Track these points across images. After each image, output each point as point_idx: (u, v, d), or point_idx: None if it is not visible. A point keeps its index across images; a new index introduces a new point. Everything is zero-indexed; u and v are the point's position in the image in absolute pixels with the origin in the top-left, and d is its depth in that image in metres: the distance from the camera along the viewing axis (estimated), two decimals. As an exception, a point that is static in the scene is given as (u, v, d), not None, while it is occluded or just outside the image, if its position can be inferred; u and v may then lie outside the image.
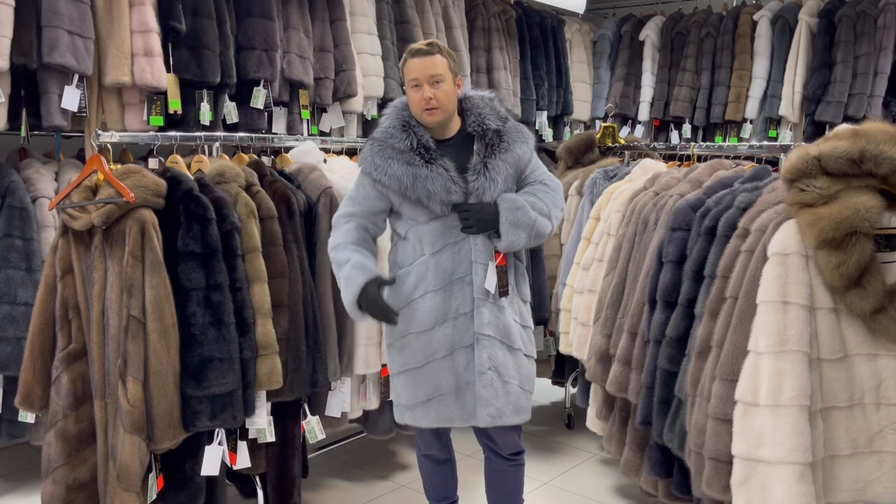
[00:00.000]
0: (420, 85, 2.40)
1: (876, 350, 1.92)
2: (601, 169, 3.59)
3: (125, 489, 2.32)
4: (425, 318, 2.46)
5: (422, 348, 2.48)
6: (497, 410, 2.46)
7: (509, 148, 2.45)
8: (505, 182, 2.44)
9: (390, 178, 2.38)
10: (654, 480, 2.72)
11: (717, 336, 2.15)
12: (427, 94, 2.38)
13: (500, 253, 2.46)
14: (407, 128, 2.44)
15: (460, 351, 2.47)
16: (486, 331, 2.46)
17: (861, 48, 5.04)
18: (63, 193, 2.45)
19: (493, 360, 2.46)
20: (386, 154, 2.40)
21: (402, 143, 2.41)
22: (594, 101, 6.31)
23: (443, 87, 2.41)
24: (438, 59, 2.41)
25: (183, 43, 3.51)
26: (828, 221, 1.84)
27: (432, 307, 2.45)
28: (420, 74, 2.40)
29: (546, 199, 2.50)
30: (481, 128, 2.47)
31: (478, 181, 2.39)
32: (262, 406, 2.60)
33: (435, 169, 2.37)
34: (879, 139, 1.86)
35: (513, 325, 2.52)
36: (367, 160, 2.45)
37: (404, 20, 4.73)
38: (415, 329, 2.48)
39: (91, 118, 3.33)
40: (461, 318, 2.45)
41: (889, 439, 1.94)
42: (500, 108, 2.55)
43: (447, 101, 2.42)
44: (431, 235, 2.44)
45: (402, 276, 2.50)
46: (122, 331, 2.33)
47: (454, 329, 2.46)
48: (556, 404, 4.51)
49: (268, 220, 2.67)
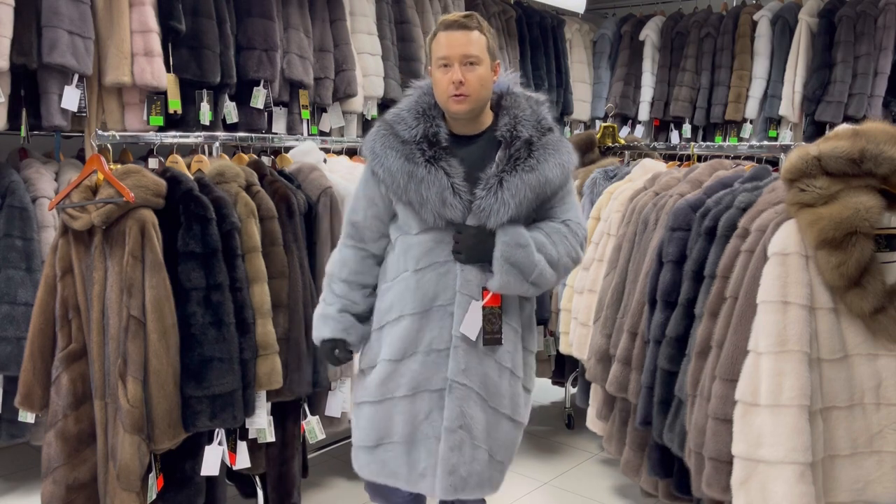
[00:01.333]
0: (450, 65, 1.97)
1: (876, 350, 1.92)
2: (601, 169, 3.59)
3: (125, 489, 2.32)
4: (395, 346, 2.06)
5: (382, 380, 2.08)
6: (461, 480, 2.03)
7: (536, 167, 2.00)
8: (519, 208, 1.98)
9: (385, 172, 2.00)
10: (654, 480, 2.72)
11: (717, 336, 2.15)
12: (457, 77, 1.95)
13: (488, 291, 2.02)
14: (421, 114, 2.04)
15: (424, 395, 2.04)
16: (461, 378, 2.02)
17: (861, 48, 5.05)
18: (63, 193, 2.45)
19: (466, 416, 2.02)
20: (387, 142, 2.02)
21: (408, 132, 2.01)
22: (594, 101, 6.31)
23: (478, 70, 1.97)
24: (475, 36, 1.97)
25: (183, 43, 3.51)
26: (828, 221, 1.84)
27: (404, 334, 2.04)
28: (451, 52, 1.96)
29: (560, 245, 2.05)
30: (511, 134, 2.03)
31: (486, 199, 1.96)
32: (262, 406, 2.60)
33: (434, 171, 1.97)
34: (879, 139, 1.86)
35: (501, 381, 2.07)
36: (367, 144, 2.07)
37: (404, 20, 4.73)
38: (385, 356, 2.09)
39: (91, 118, 3.33)
40: (433, 355, 2.03)
41: (889, 439, 1.94)
42: (545, 116, 2.10)
43: (481, 88, 1.99)
44: (419, 249, 2.03)
45: (383, 292, 2.13)
46: (122, 331, 2.33)
47: (422, 366, 2.03)
48: (556, 404, 4.51)
49: (268, 220, 2.67)
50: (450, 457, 2.02)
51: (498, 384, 2.07)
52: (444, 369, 2.02)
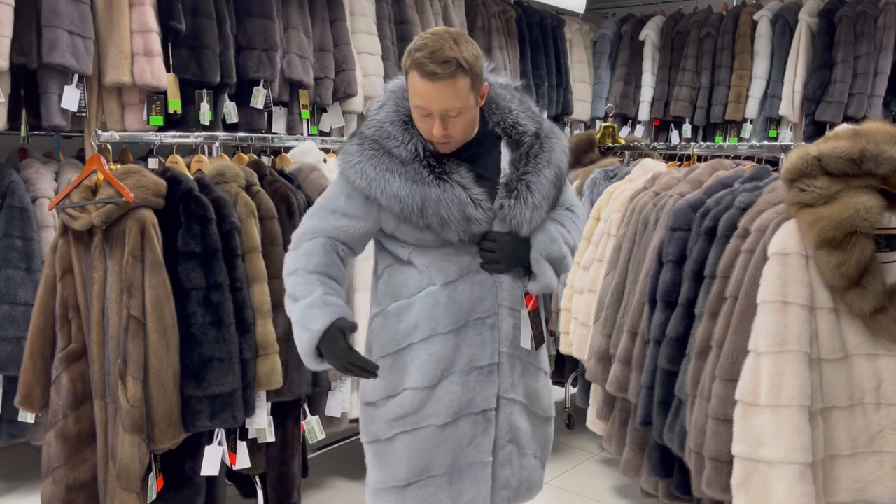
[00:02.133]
0: (431, 116, 1.75)
1: (876, 350, 1.92)
2: (601, 169, 3.59)
3: (125, 489, 2.32)
4: (428, 370, 1.85)
5: (413, 410, 1.87)
6: (513, 492, 1.94)
7: (552, 159, 1.88)
8: (547, 204, 1.87)
9: (389, 199, 1.77)
10: (654, 480, 2.72)
11: (717, 336, 2.15)
12: (439, 131, 1.75)
13: (531, 295, 1.91)
14: (410, 124, 1.82)
15: (467, 419, 1.87)
16: (510, 394, 1.90)
17: (861, 48, 5.05)
18: (63, 193, 2.45)
19: (514, 430, 1.92)
20: (382, 164, 1.78)
21: (402, 149, 1.79)
22: (594, 100, 6.31)
23: (462, 118, 1.77)
24: (458, 87, 1.71)
25: (183, 43, 3.51)
26: (828, 221, 1.84)
27: (440, 354, 1.84)
28: (431, 106, 1.73)
29: (573, 231, 1.96)
30: (515, 130, 1.89)
31: (516, 207, 1.81)
32: (262, 406, 2.60)
33: (449, 188, 1.77)
34: (879, 139, 1.86)
35: (538, 384, 1.99)
36: (354, 167, 1.80)
37: (404, 20, 4.73)
38: (414, 384, 1.86)
39: (91, 118, 3.33)
40: (474, 374, 1.85)
41: (889, 439, 1.94)
42: (529, 102, 1.98)
43: (465, 133, 1.81)
44: (443, 260, 1.84)
45: (398, 310, 1.88)
46: (122, 331, 2.33)
47: (464, 387, 1.85)
48: (556, 404, 4.49)
49: (268, 219, 2.67)
50: (502, 473, 1.92)
51: (537, 388, 1.99)
52: (487, 387, 1.87)
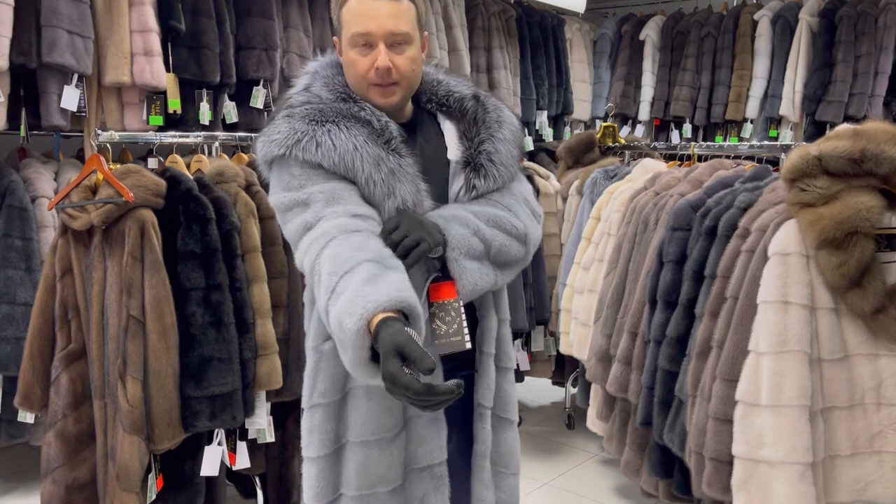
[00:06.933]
0: (372, 44, 1.50)
1: (876, 350, 1.92)
2: (601, 169, 3.58)
3: (125, 489, 2.32)
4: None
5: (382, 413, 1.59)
6: None
7: (501, 118, 1.63)
8: (514, 168, 1.64)
9: (328, 152, 1.46)
10: (654, 481, 2.72)
11: (717, 336, 2.15)
12: (384, 62, 1.49)
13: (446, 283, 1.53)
14: (350, 99, 1.55)
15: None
16: (486, 401, 1.68)
17: (862, 48, 5.04)
18: (62, 193, 2.44)
19: (488, 443, 1.70)
20: (325, 115, 1.50)
21: (357, 112, 1.52)
22: (594, 100, 6.31)
23: (408, 51, 1.53)
24: (405, 7, 1.51)
25: (182, 42, 3.50)
26: (828, 221, 1.84)
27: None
28: (374, 27, 1.48)
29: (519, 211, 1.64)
30: (451, 98, 1.64)
31: (486, 184, 1.57)
32: (262, 406, 2.60)
33: (404, 162, 1.51)
34: (880, 139, 1.85)
35: (511, 391, 1.76)
36: (292, 133, 1.48)
37: (404, 20, 4.72)
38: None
39: (90, 118, 3.33)
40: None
41: (890, 439, 1.94)
42: (455, 73, 1.75)
43: (413, 73, 1.56)
44: None
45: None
46: (122, 331, 2.33)
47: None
48: (556, 404, 4.50)
49: (268, 219, 2.67)
50: (482, 494, 1.69)
51: (509, 395, 1.76)
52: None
